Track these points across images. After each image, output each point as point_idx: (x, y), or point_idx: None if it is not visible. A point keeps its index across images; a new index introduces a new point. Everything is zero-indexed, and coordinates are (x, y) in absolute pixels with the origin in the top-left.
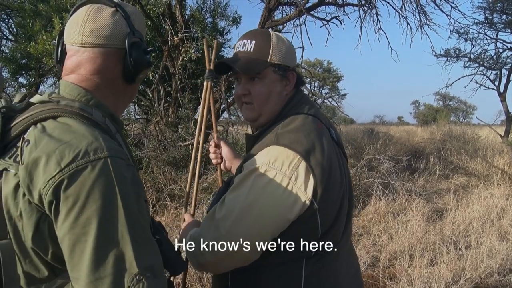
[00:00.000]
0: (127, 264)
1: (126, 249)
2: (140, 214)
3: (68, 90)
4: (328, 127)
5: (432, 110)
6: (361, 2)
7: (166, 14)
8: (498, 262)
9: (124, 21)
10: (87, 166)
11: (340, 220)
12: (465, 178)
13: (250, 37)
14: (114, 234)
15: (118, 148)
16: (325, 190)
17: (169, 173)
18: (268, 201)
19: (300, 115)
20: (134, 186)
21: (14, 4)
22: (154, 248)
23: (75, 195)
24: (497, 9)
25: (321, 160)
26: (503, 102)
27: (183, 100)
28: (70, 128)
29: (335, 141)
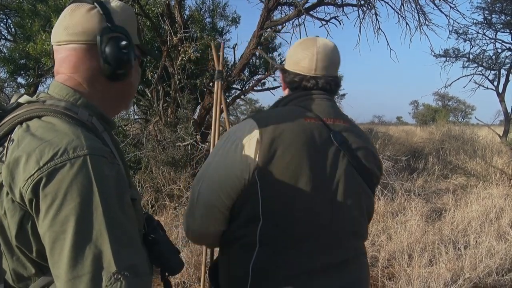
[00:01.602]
0: (105, 262)
1: (104, 247)
2: (122, 212)
3: (57, 90)
4: (334, 129)
5: (431, 110)
6: (360, 3)
7: (165, 14)
8: (496, 262)
9: (101, 16)
10: (66, 164)
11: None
12: (464, 178)
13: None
14: (92, 233)
15: (100, 147)
16: (268, 164)
17: (168, 173)
18: (222, 161)
19: (294, 106)
20: (116, 184)
21: (12, 4)
22: (137, 247)
23: (53, 193)
24: (496, 10)
25: (274, 138)
26: (501, 102)
27: (182, 100)
28: (53, 127)
29: (337, 144)
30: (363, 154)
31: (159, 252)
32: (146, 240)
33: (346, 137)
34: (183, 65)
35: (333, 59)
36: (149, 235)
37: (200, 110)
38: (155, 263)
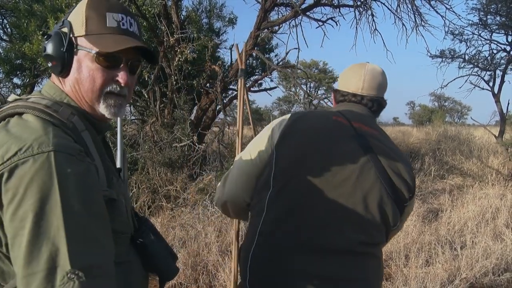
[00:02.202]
0: (61, 261)
1: (61, 245)
2: (85, 211)
3: (46, 88)
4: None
5: (427, 110)
6: (357, 3)
7: (162, 14)
8: (493, 262)
9: (68, 14)
10: (29, 160)
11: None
12: (460, 179)
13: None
14: (50, 230)
15: (67, 144)
16: (287, 141)
17: (164, 174)
18: (257, 138)
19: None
20: (81, 182)
21: (8, 4)
22: (100, 247)
23: (14, 188)
24: (491, 11)
25: (292, 124)
26: (497, 102)
27: (179, 101)
28: (27, 123)
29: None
30: (389, 163)
31: (149, 256)
32: (135, 244)
33: (370, 140)
34: (180, 66)
35: (380, 82)
36: (137, 239)
37: (197, 111)
38: (146, 267)
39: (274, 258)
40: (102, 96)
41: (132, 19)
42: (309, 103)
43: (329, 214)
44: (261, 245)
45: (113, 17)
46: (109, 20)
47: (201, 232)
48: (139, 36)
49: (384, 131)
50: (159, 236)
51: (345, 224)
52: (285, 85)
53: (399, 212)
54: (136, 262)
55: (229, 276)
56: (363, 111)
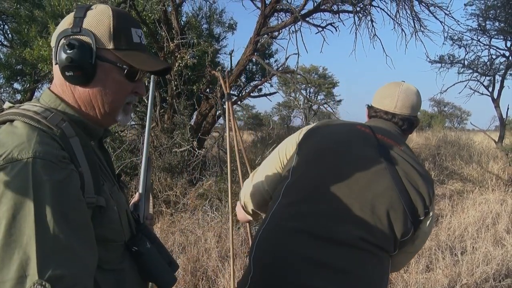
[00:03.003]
0: (30, 270)
1: (31, 254)
2: (60, 220)
3: (44, 96)
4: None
5: (427, 116)
6: (356, 9)
7: (162, 20)
8: (493, 268)
9: (71, 20)
10: (7, 166)
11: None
12: (460, 184)
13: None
14: (22, 238)
15: (50, 151)
16: (308, 140)
17: (164, 179)
18: (284, 141)
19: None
20: (61, 190)
21: (9, 10)
22: (72, 258)
23: None
24: (490, 16)
25: (316, 129)
26: (497, 108)
27: (179, 106)
28: (14, 130)
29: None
30: (407, 175)
31: (145, 265)
32: (130, 252)
33: (390, 151)
34: (180, 71)
35: (413, 102)
36: (132, 246)
37: (196, 116)
38: (144, 276)
39: (278, 237)
40: (123, 106)
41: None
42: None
43: (337, 207)
44: (270, 225)
45: (136, 33)
46: (134, 36)
47: (200, 237)
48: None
49: (411, 150)
50: (158, 244)
51: (349, 219)
52: (285, 91)
53: (411, 224)
54: (131, 270)
55: (228, 282)
56: (392, 128)
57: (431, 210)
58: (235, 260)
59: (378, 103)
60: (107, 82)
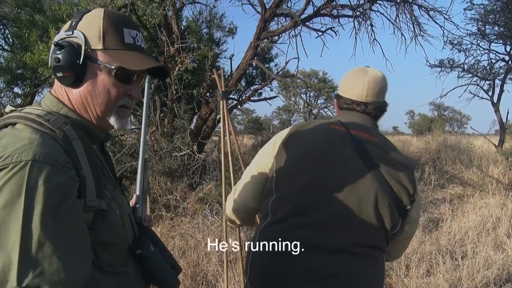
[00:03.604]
0: (11, 276)
1: (14, 260)
2: (50, 226)
3: (45, 100)
4: (357, 138)
5: (427, 120)
6: (356, 14)
7: (162, 24)
8: (494, 272)
9: (69, 24)
10: (5, 168)
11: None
12: (460, 188)
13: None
14: (7, 242)
15: (51, 154)
16: (285, 151)
17: (164, 184)
18: (262, 149)
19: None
20: (54, 194)
21: (10, 14)
22: (58, 265)
23: None
24: (489, 21)
25: (292, 135)
26: (496, 112)
27: (179, 110)
28: (17, 133)
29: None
30: (386, 167)
31: (148, 268)
32: (134, 255)
33: (367, 146)
34: (180, 75)
35: (382, 88)
36: (135, 250)
37: (197, 120)
38: (147, 279)
39: (273, 253)
40: (115, 109)
41: (141, 35)
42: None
43: (326, 216)
44: (262, 243)
45: (129, 33)
46: (126, 36)
47: (200, 241)
48: (147, 52)
49: (387, 139)
50: (162, 247)
51: (340, 226)
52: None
53: (399, 216)
54: (134, 273)
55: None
56: (367, 121)
57: (416, 197)
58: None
59: (348, 92)
60: (97, 83)
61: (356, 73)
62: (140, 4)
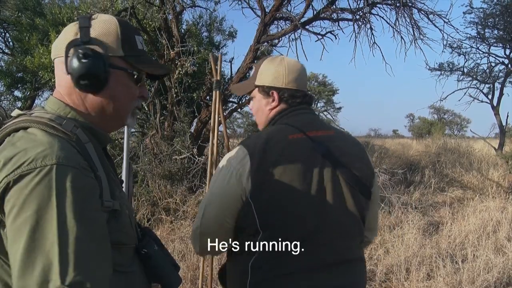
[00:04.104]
0: (53, 275)
1: (53, 260)
2: (81, 225)
3: (50, 104)
4: (318, 140)
5: (427, 123)
6: (355, 17)
7: (163, 28)
8: (494, 276)
9: (76, 30)
10: (31, 172)
11: (290, 224)
12: (461, 191)
13: (255, 65)
14: (44, 243)
15: (72, 157)
16: (260, 188)
17: (164, 187)
18: (220, 193)
19: (282, 125)
20: (82, 196)
21: (11, 18)
22: (93, 263)
23: (14, 199)
24: (489, 24)
25: (263, 162)
26: (496, 115)
27: (179, 113)
28: (33, 137)
29: (323, 155)
30: (348, 160)
31: (153, 267)
32: (140, 255)
33: (329, 146)
34: (180, 79)
35: (305, 76)
36: (141, 249)
37: (197, 124)
38: (150, 278)
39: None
40: (131, 110)
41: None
42: None
43: (321, 233)
44: (258, 276)
45: (138, 40)
46: (138, 43)
47: None
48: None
49: (336, 128)
50: (162, 246)
51: (343, 238)
52: None
53: (366, 200)
54: (139, 272)
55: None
56: (306, 113)
57: (374, 172)
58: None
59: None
60: (118, 88)
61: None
62: (140, 7)
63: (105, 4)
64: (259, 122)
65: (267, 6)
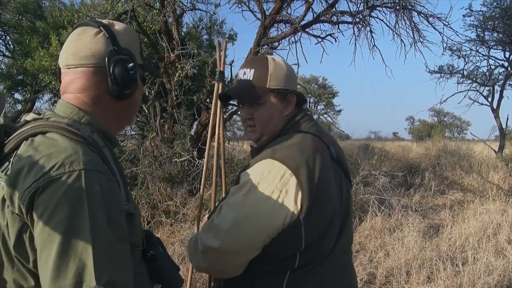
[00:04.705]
0: (87, 276)
1: (87, 261)
2: (109, 228)
3: (62, 108)
4: (329, 145)
5: (427, 125)
6: (355, 20)
7: (163, 31)
8: (495, 279)
9: (107, 40)
10: (61, 177)
11: (329, 236)
12: (461, 194)
13: (249, 66)
14: (77, 245)
15: (97, 162)
16: (312, 205)
17: (164, 190)
18: (260, 212)
19: (299, 133)
20: (108, 199)
21: (11, 21)
22: (123, 263)
23: (46, 203)
24: (488, 27)
25: (311, 177)
26: (496, 118)
27: (179, 116)
28: (54, 142)
29: (334, 160)
30: (343, 161)
31: (158, 268)
32: (146, 256)
33: (337, 150)
34: (180, 82)
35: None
36: (148, 251)
37: (197, 126)
38: (154, 279)
39: None
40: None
41: None
42: None
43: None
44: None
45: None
46: (142, 51)
47: None
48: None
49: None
50: (164, 248)
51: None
52: None
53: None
54: (146, 274)
55: None
56: (313, 118)
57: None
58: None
59: (291, 84)
60: (138, 94)
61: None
62: (140, 10)
63: (106, 7)
64: (269, 130)
65: (267, 9)
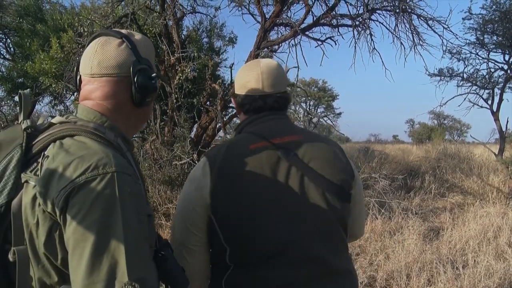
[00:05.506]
0: (119, 273)
1: (120, 258)
2: (138, 228)
3: (85, 113)
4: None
5: (427, 128)
6: (355, 23)
7: (163, 34)
8: (495, 282)
9: (130, 50)
10: (96, 178)
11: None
12: (461, 197)
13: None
14: (110, 244)
15: (126, 165)
16: (224, 203)
17: (164, 192)
18: (180, 202)
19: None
20: (136, 201)
21: (12, 24)
22: (148, 261)
23: (81, 203)
24: (488, 30)
25: (223, 171)
26: (496, 120)
27: (179, 119)
28: (85, 145)
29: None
30: (319, 164)
31: (168, 269)
32: (157, 257)
33: (297, 151)
34: (180, 84)
35: (278, 76)
36: (159, 252)
37: (197, 129)
38: (162, 279)
39: None
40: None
41: None
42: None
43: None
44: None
45: None
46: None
47: None
48: None
49: (307, 130)
50: (172, 250)
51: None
52: None
53: (344, 203)
54: (157, 275)
55: None
56: (273, 119)
57: (355, 174)
58: None
59: (243, 89)
60: (152, 101)
61: (248, 66)
62: (141, 13)
63: (106, 10)
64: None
65: (267, 12)
